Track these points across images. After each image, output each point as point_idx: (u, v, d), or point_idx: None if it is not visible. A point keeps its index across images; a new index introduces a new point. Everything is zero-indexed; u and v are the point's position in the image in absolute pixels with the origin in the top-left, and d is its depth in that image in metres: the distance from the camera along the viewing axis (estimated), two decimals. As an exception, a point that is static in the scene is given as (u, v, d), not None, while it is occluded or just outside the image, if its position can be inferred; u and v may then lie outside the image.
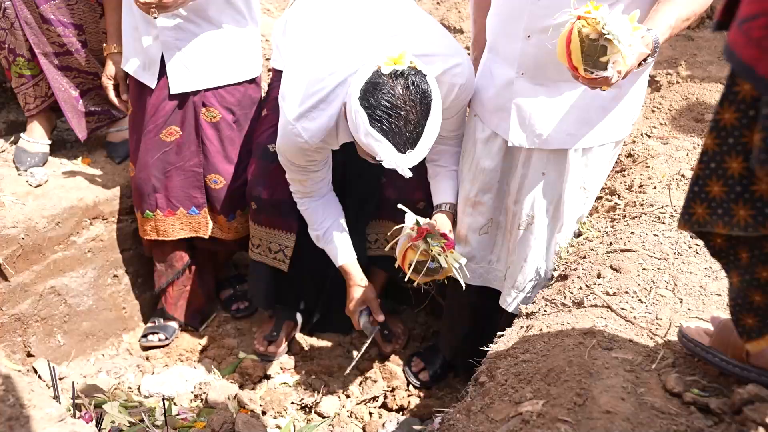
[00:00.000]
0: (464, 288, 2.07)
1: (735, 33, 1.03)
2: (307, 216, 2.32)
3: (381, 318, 2.35)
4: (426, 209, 2.36)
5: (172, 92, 2.44)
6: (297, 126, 1.95)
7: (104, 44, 2.54)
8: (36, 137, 2.72)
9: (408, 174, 1.76)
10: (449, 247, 2.03)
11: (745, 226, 1.13)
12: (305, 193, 2.27)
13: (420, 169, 2.31)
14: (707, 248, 1.27)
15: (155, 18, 2.20)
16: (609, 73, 1.54)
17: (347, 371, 2.48)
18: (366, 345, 2.36)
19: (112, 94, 2.54)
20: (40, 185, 2.63)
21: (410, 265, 2.02)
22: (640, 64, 1.64)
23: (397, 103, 1.71)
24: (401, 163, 1.74)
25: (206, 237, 2.71)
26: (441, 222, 2.21)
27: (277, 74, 2.45)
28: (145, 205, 2.62)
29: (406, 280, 2.06)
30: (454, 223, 2.29)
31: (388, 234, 2.60)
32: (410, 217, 2.10)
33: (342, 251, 2.34)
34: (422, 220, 2.11)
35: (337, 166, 2.35)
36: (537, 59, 1.89)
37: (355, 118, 1.75)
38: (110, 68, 2.52)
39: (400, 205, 2.24)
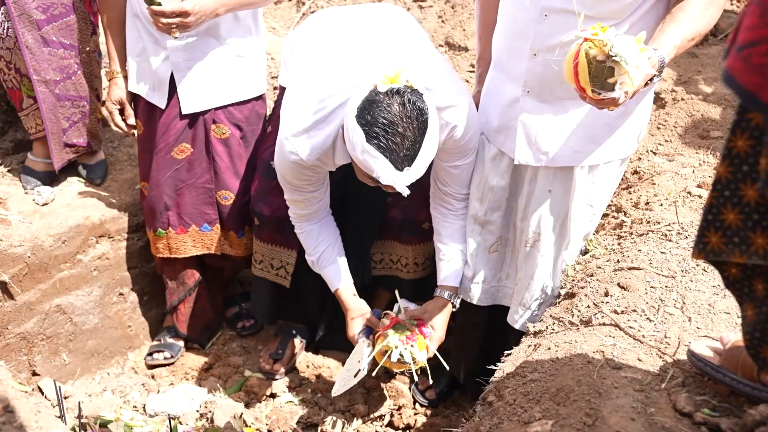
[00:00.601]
0: (425, 380, 2.20)
1: (734, 59, 1.02)
2: (303, 240, 2.30)
3: (387, 322, 2.24)
4: (431, 229, 2.35)
5: (183, 113, 2.45)
6: (293, 143, 1.96)
7: (105, 69, 2.53)
8: (42, 156, 2.72)
9: (406, 192, 1.75)
10: (410, 340, 2.10)
11: (764, 254, 1.10)
12: (302, 215, 2.25)
13: (425, 190, 2.31)
14: (722, 279, 1.25)
15: (176, 38, 2.22)
16: (616, 94, 1.55)
17: (337, 392, 2.34)
18: (362, 369, 2.23)
19: (118, 119, 2.51)
20: (46, 204, 2.64)
21: (383, 353, 2.13)
22: (646, 84, 1.65)
23: (394, 120, 1.72)
24: (399, 180, 1.74)
25: (218, 254, 2.72)
26: (430, 311, 2.22)
27: (283, 92, 2.46)
28: (157, 223, 2.63)
29: (367, 363, 2.17)
30: (451, 364, 2.29)
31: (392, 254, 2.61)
32: (398, 305, 2.21)
33: (337, 276, 2.30)
34: (405, 305, 2.21)
35: (338, 184, 2.34)
36: (543, 77, 1.90)
37: (352, 135, 1.75)
38: (115, 92, 2.49)
39: (396, 292, 2.30)
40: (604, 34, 1.50)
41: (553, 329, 1.92)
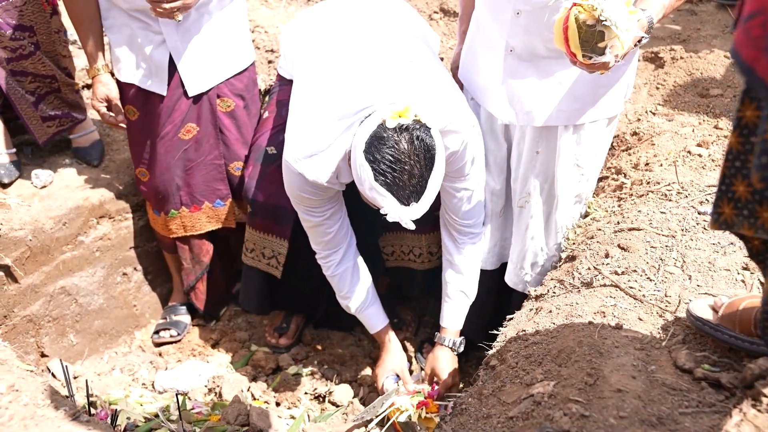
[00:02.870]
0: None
1: (739, 31, 0.99)
2: (334, 284, 2.29)
3: (410, 387, 2.31)
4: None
5: (190, 95, 2.43)
6: (301, 166, 1.93)
7: (86, 69, 2.46)
8: (2, 148, 2.62)
9: (411, 226, 1.74)
10: (423, 404, 2.16)
11: None
12: (325, 244, 2.19)
13: None
14: (746, 248, 1.23)
15: (179, 21, 2.19)
16: (607, 58, 1.54)
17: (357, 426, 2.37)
18: (385, 407, 2.27)
19: (107, 116, 2.45)
20: (45, 186, 2.64)
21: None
22: (635, 45, 1.63)
23: (401, 158, 1.69)
24: (405, 216, 1.73)
25: (233, 226, 2.73)
26: (434, 363, 2.29)
27: (282, 81, 2.43)
28: (169, 205, 2.62)
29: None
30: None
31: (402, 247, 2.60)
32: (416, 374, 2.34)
33: (375, 320, 2.34)
34: (413, 386, 2.30)
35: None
36: (526, 36, 1.88)
37: (360, 171, 1.73)
38: (100, 90, 2.40)
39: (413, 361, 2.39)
40: None
41: (554, 292, 1.93)
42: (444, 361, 2.29)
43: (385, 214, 1.73)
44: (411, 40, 2.16)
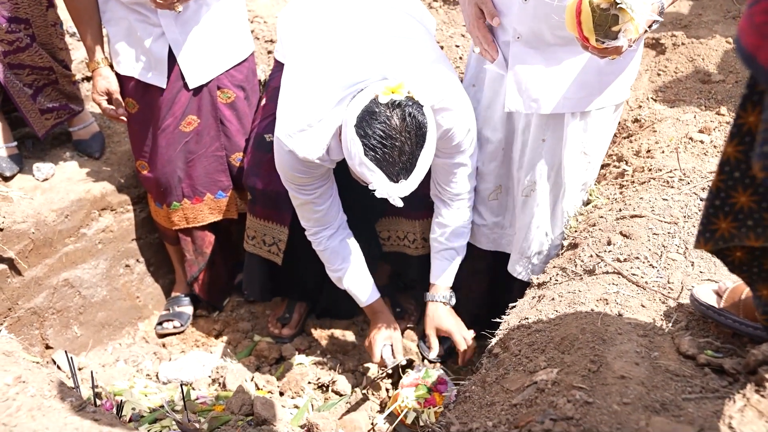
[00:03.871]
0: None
1: (743, 19, 0.96)
2: (325, 258, 2.28)
3: (401, 358, 2.32)
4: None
5: (190, 87, 2.43)
6: (291, 142, 1.93)
7: (85, 62, 2.44)
8: (2, 142, 2.61)
9: (399, 203, 1.74)
10: (429, 404, 2.15)
11: None
12: (315, 221, 2.19)
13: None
14: (725, 264, 1.19)
15: (179, 12, 2.19)
16: (621, 43, 1.53)
17: (359, 390, 2.40)
18: (383, 374, 2.32)
19: (108, 108, 2.43)
20: (46, 179, 2.64)
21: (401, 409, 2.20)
22: (647, 29, 1.63)
23: (392, 134, 1.70)
24: (393, 192, 1.73)
25: (235, 217, 2.73)
26: (431, 322, 2.32)
27: (278, 66, 2.43)
28: (171, 197, 2.63)
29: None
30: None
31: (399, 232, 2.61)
32: (424, 368, 2.30)
33: (365, 292, 2.33)
34: (429, 356, 2.31)
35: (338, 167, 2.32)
36: (533, 23, 1.87)
37: (350, 146, 1.73)
38: (101, 84, 2.39)
39: (424, 358, 2.39)
40: None
41: (556, 280, 1.93)
42: (444, 317, 2.29)
43: (374, 190, 1.73)
44: (407, 19, 2.15)
